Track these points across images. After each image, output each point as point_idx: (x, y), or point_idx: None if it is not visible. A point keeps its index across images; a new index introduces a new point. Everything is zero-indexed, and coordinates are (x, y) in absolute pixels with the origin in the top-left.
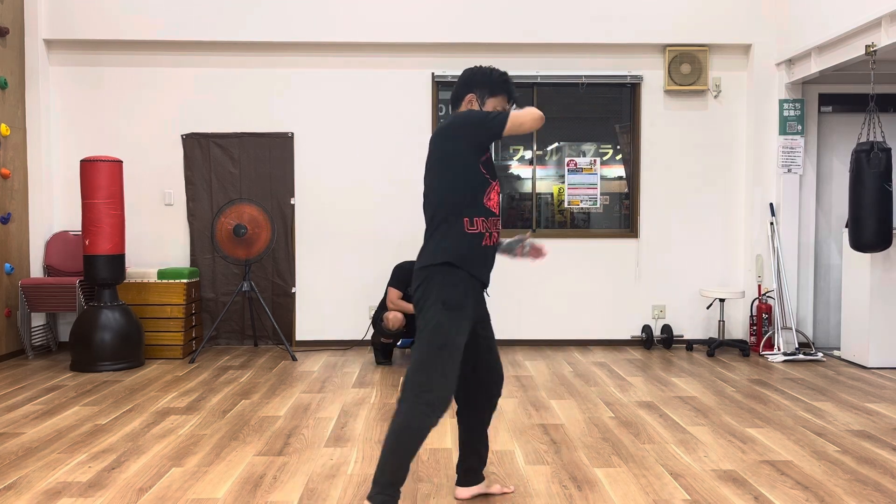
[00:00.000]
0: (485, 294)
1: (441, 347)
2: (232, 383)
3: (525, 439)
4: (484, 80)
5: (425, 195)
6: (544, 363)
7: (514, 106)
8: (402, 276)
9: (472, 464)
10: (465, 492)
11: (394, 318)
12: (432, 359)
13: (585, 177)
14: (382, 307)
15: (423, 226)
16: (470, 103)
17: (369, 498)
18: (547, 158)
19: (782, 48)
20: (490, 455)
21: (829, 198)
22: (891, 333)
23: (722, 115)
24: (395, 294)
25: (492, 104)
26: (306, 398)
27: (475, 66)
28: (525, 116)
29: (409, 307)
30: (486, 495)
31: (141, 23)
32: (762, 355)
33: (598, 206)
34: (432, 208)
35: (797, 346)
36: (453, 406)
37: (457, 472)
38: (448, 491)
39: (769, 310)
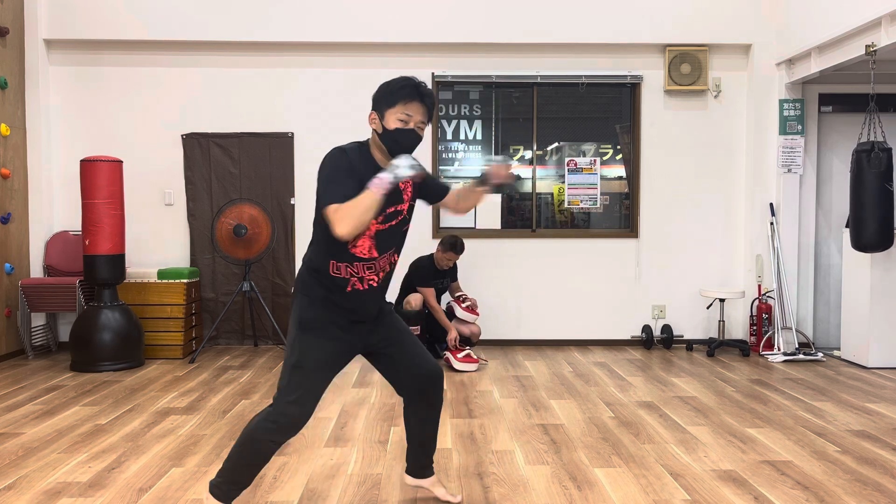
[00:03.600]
0: (385, 312)
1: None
2: (232, 383)
3: (525, 439)
4: (379, 94)
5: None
6: (544, 363)
7: (421, 120)
8: (426, 274)
9: (417, 458)
10: (412, 481)
11: (415, 298)
12: (285, 376)
13: (585, 177)
14: (399, 304)
15: (422, 225)
16: (373, 122)
17: (211, 482)
18: (547, 158)
19: (782, 48)
20: (490, 455)
21: (829, 198)
22: (891, 333)
23: (722, 115)
24: (430, 293)
25: (392, 116)
26: None
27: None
28: (335, 217)
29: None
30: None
31: (141, 23)
32: (762, 355)
33: (598, 206)
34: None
35: (797, 346)
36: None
37: (406, 461)
38: (447, 490)
39: (769, 310)
